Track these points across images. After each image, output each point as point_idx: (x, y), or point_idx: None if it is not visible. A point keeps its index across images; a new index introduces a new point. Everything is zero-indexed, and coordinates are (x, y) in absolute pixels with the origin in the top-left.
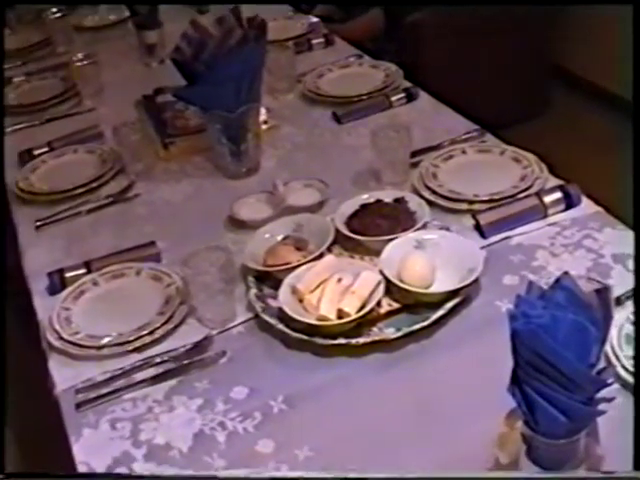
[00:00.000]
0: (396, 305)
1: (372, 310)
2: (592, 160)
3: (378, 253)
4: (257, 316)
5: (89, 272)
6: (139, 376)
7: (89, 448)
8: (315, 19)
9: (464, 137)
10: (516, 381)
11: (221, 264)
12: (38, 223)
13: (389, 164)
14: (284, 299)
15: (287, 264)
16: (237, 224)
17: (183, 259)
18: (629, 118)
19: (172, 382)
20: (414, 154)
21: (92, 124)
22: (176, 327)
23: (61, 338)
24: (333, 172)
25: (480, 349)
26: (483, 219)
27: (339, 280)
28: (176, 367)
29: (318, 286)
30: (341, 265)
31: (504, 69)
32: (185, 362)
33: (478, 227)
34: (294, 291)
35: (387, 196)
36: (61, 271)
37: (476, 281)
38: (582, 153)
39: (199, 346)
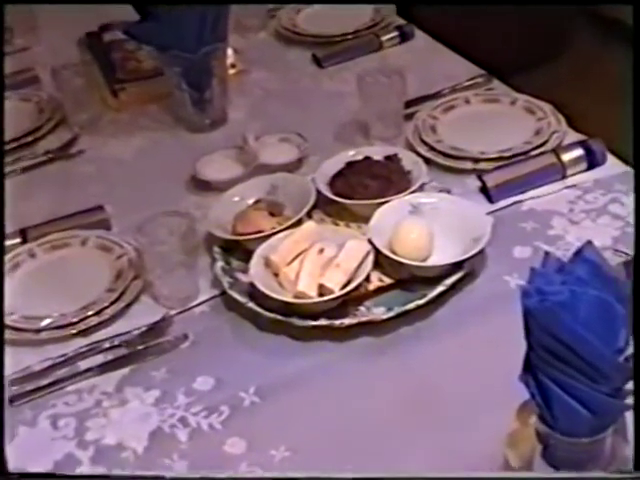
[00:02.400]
0: (387, 280)
1: (359, 286)
2: (619, 111)
3: (367, 219)
4: (224, 293)
5: (25, 242)
6: (85, 364)
7: (25, 450)
8: None
9: (467, 84)
10: (529, 368)
11: (182, 232)
12: None
13: (379, 115)
14: (256, 273)
15: (259, 232)
16: (200, 185)
17: (137, 226)
18: None
19: (124, 371)
20: (409, 104)
21: (26, 66)
22: (128, 306)
23: None
24: (313, 124)
25: (486, 331)
26: (490, 180)
27: (321, 251)
28: (129, 353)
29: (296, 257)
30: (323, 233)
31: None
32: (139, 347)
33: (484, 189)
34: (268, 264)
35: (377, 153)
36: None
37: (482, 252)
38: (607, 103)
39: (156, 328)
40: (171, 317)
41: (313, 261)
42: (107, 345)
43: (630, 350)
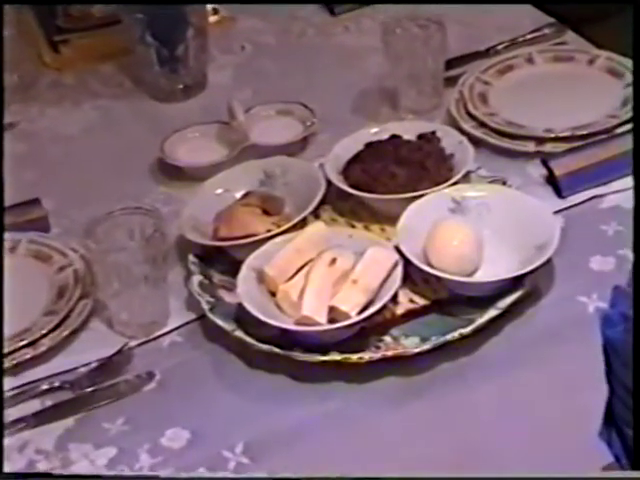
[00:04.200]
0: (421, 302)
1: (383, 309)
2: None
3: (393, 220)
4: (202, 317)
5: None
6: (15, 412)
7: None
8: None
9: (530, 37)
10: (612, 421)
11: (146, 236)
12: None
13: (411, 79)
14: (245, 291)
15: (250, 236)
16: (171, 172)
17: (85, 227)
18: None
19: (68, 422)
20: (451, 64)
21: None
22: (74, 334)
23: None
24: (323, 92)
25: (553, 371)
26: (560, 167)
27: (332, 262)
28: (74, 398)
29: (299, 271)
30: (335, 238)
31: None
32: (88, 390)
33: (552, 180)
34: (261, 278)
35: (408, 130)
36: None
37: (548, 264)
38: None
39: (110, 365)
40: (131, 350)
41: (322, 276)
42: (45, 387)
43: None
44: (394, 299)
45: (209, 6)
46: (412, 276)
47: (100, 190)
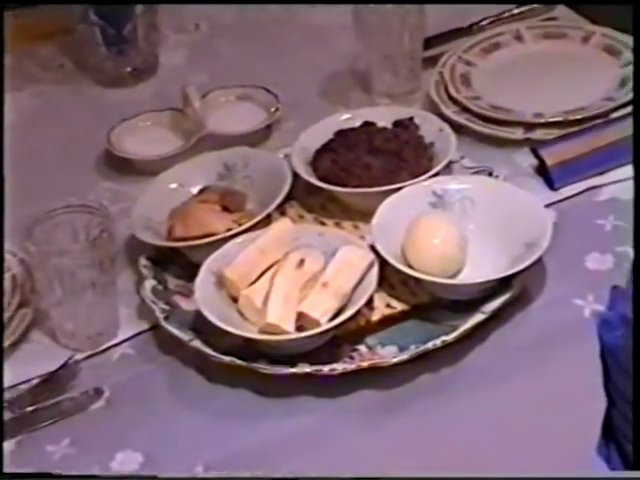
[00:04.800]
0: (399, 307)
1: (358, 315)
2: None
3: (367, 216)
4: (156, 327)
5: None
6: None
7: None
8: None
9: (518, 11)
10: (611, 435)
11: (92, 237)
12: None
13: (385, 60)
14: (204, 297)
15: (208, 235)
16: (119, 165)
17: (23, 228)
18: None
19: (8, 445)
20: (430, 42)
21: None
22: (13, 347)
23: None
24: (287, 74)
25: (546, 381)
26: (551, 156)
27: (300, 263)
28: (14, 418)
29: (264, 273)
30: (303, 237)
31: None
32: (30, 409)
33: (543, 170)
34: (221, 282)
35: (382, 116)
36: None
37: (539, 263)
38: None
39: (54, 381)
40: (77, 364)
41: (289, 279)
42: None
43: None
44: (369, 304)
45: None
46: (389, 278)
47: (40, 186)
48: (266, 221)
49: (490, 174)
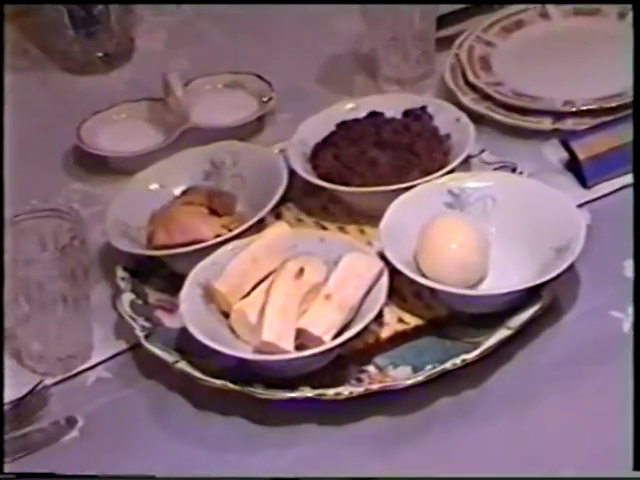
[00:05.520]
0: (413, 322)
1: (365, 332)
2: None
3: (376, 219)
4: (136, 346)
5: None
6: None
7: None
8: None
9: None
10: None
11: (61, 245)
12: None
13: (393, 42)
14: (191, 312)
15: (195, 243)
16: (91, 164)
17: None
18: None
19: None
20: (443, 20)
21: None
22: None
23: None
24: (282, 59)
25: (579, 406)
26: (584, 149)
27: (299, 273)
28: None
29: (258, 285)
30: (302, 243)
31: None
32: None
33: (574, 165)
34: (210, 296)
35: (391, 105)
36: None
37: (571, 271)
38: None
39: (21, 409)
40: (47, 389)
41: (287, 291)
42: None
43: None
44: (378, 319)
45: None
46: (401, 289)
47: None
48: (259, 226)
49: (514, 170)
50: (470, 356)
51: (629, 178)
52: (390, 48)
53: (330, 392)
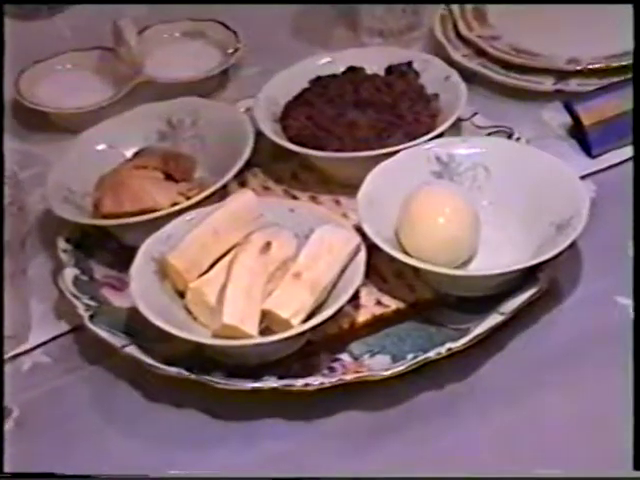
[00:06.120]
0: (394, 304)
1: (340, 314)
2: None
3: (353, 188)
4: (78, 328)
5: None
6: None
7: None
8: None
9: None
10: None
11: None
12: None
13: None
14: (142, 290)
15: (148, 212)
16: (31, 120)
17: None
18: None
19: None
20: None
21: None
22: None
23: None
24: (248, 5)
25: (579, 400)
26: (589, 114)
27: (266, 247)
28: None
29: (218, 260)
30: (270, 214)
31: None
32: None
33: (578, 131)
34: (165, 272)
35: (372, 60)
36: None
37: (572, 250)
38: None
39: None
40: None
41: (252, 268)
42: None
43: None
44: (354, 301)
45: None
46: (380, 268)
47: None
48: (221, 193)
49: (510, 136)
50: (457, 345)
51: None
52: None
53: (298, 383)
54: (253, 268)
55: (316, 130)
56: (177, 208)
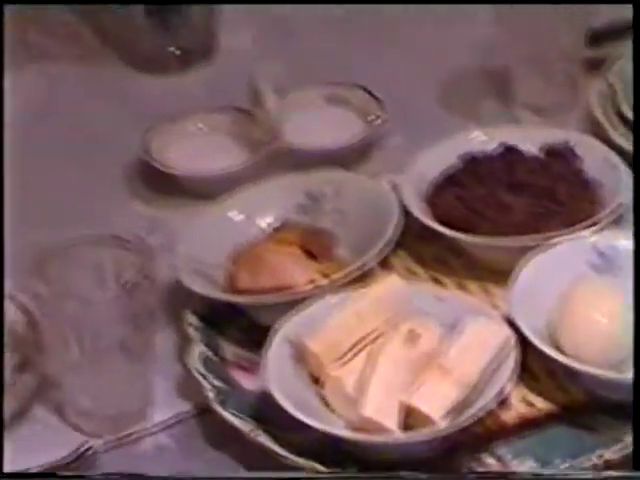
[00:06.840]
0: (544, 406)
1: (486, 414)
2: None
3: (504, 276)
4: (205, 411)
5: None
6: None
7: None
8: None
9: None
10: None
11: (124, 281)
12: None
13: (533, 59)
14: (276, 374)
15: (285, 290)
16: (159, 183)
17: (29, 263)
18: None
19: None
20: (595, 37)
21: None
22: (8, 427)
23: None
24: (396, 69)
25: None
26: None
27: (413, 337)
28: None
29: (359, 347)
30: (415, 301)
31: None
32: None
33: None
34: (300, 356)
35: (528, 138)
36: None
37: None
38: None
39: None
40: (94, 455)
41: (397, 360)
42: None
43: None
44: (503, 401)
45: None
46: (531, 366)
47: (50, 206)
48: (363, 275)
49: None
50: (612, 453)
51: None
52: (528, 68)
53: None
54: (398, 360)
55: (467, 212)
56: (315, 287)
